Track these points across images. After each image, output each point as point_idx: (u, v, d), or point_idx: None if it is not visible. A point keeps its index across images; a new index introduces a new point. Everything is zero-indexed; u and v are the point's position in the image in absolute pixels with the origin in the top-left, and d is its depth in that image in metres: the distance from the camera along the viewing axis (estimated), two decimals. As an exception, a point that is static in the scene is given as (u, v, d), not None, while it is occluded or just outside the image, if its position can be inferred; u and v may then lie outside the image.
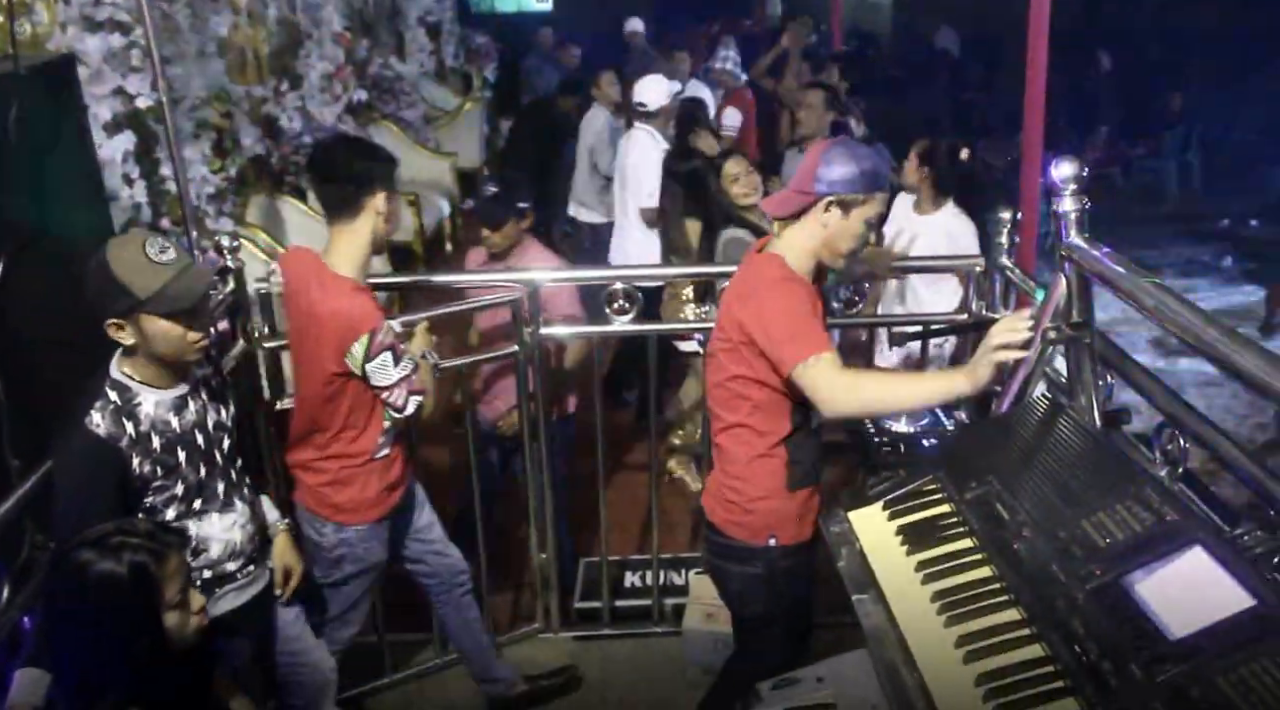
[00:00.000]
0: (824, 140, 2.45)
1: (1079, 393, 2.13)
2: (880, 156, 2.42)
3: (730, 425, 2.46)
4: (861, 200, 2.32)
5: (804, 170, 2.36)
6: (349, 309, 2.49)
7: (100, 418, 2.15)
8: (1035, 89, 4.70)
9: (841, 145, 2.38)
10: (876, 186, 2.34)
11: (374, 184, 2.53)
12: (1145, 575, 1.53)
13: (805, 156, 2.41)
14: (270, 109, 6.21)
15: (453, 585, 3.07)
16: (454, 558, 3.06)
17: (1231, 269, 8.43)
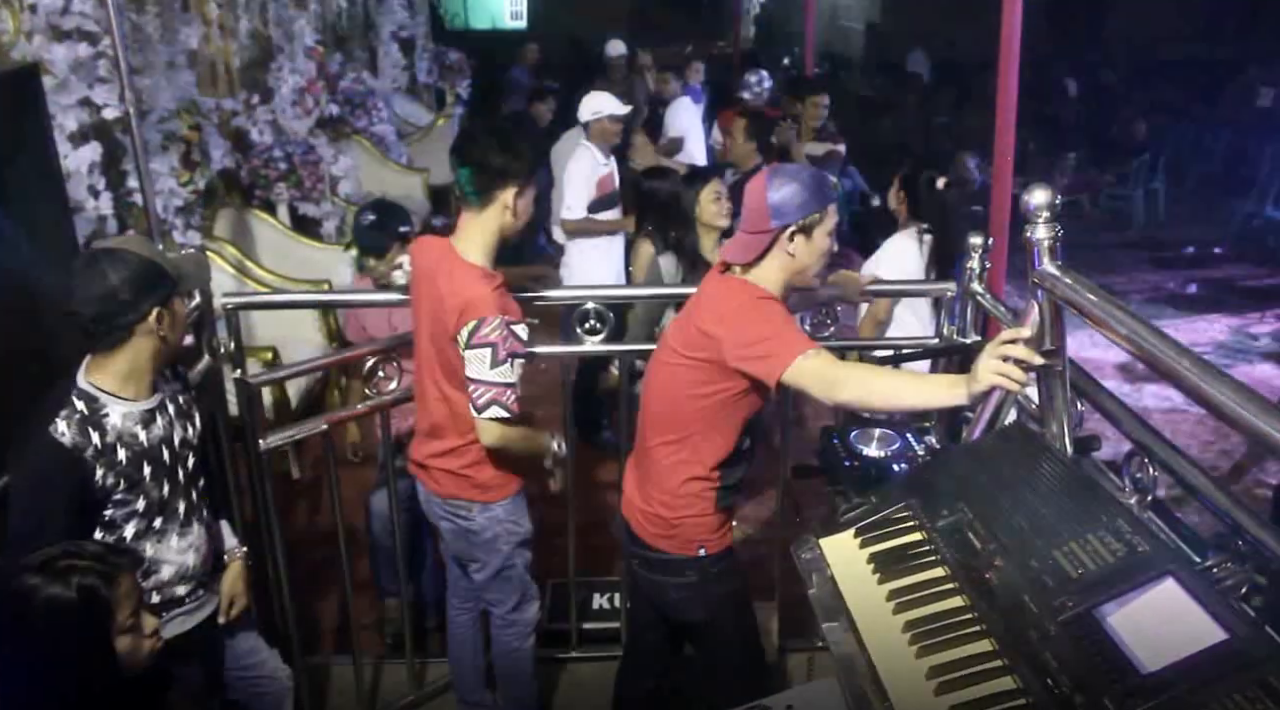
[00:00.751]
0: (757, 175, 2.45)
1: (1050, 420, 2.12)
2: (813, 170, 2.45)
3: (670, 442, 2.50)
4: (819, 218, 2.36)
5: (753, 209, 2.38)
6: (468, 293, 2.54)
7: (65, 426, 2.10)
8: (1006, 114, 4.74)
9: (777, 173, 2.40)
10: (827, 198, 2.37)
11: (507, 178, 2.58)
12: (1117, 607, 1.52)
13: (746, 196, 2.42)
14: (240, 122, 6.16)
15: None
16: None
17: (1196, 296, 8.54)
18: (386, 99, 8.30)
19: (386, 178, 7.91)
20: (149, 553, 2.25)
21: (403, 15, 9.21)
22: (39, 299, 2.74)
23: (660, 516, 2.55)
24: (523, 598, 3.01)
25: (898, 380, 2.19)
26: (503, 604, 2.99)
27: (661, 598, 2.69)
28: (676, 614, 2.71)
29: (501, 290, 2.63)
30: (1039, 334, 2.08)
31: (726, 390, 2.39)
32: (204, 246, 5.10)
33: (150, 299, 2.12)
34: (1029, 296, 2.11)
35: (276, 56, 6.54)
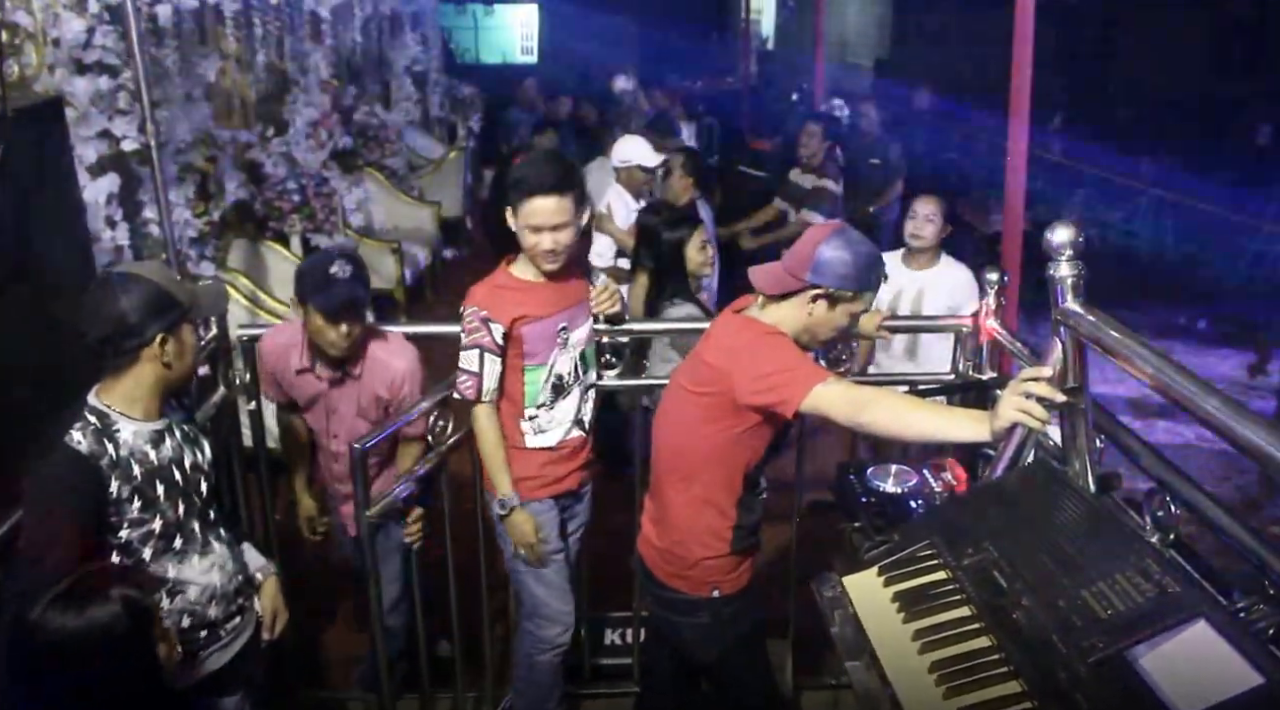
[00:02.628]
0: (827, 224, 2.44)
1: (1073, 458, 2.11)
2: (875, 252, 2.39)
3: (683, 479, 2.49)
4: (850, 296, 2.34)
5: (800, 253, 2.36)
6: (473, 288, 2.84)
7: (81, 436, 2.12)
8: (1017, 150, 4.77)
9: (842, 235, 2.36)
10: (869, 285, 2.35)
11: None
12: (1149, 649, 1.51)
13: (804, 237, 2.40)
14: (255, 154, 6.21)
15: None
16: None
17: (1206, 332, 8.52)
18: (399, 132, 8.36)
19: (398, 210, 7.96)
20: (171, 573, 2.25)
21: (416, 49, 9.29)
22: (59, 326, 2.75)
23: (675, 555, 2.53)
24: (533, 611, 3.02)
25: (923, 409, 2.15)
26: (521, 604, 3.08)
27: (675, 636, 2.67)
28: (690, 653, 2.69)
29: (501, 289, 2.79)
30: (1062, 372, 2.08)
31: (737, 426, 2.38)
32: (218, 277, 5.13)
33: (156, 325, 2.13)
34: (1052, 334, 2.11)
35: (291, 89, 6.60)
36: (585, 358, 2.94)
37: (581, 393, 2.93)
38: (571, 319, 2.86)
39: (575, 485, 2.99)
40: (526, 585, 3.00)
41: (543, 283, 2.80)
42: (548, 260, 2.74)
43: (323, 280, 2.76)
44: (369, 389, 2.96)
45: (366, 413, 2.99)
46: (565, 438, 2.91)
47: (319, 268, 2.80)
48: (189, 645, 2.29)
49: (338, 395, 2.98)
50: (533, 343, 2.79)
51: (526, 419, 2.86)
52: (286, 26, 6.14)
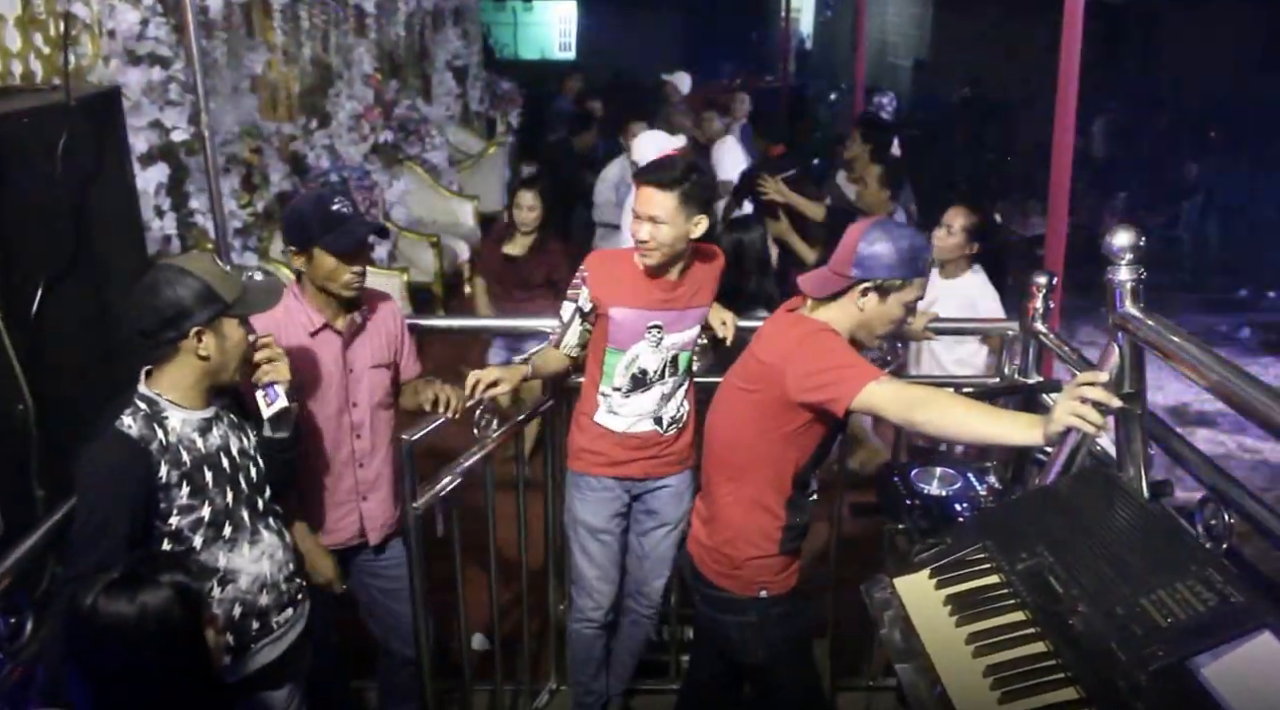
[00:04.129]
0: (865, 219, 2.43)
1: (1128, 464, 2.09)
2: (918, 238, 2.39)
3: (733, 478, 2.49)
4: (899, 285, 2.32)
5: (843, 251, 2.36)
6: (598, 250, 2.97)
7: (131, 421, 2.15)
8: (1062, 154, 4.72)
9: (880, 227, 2.35)
10: (916, 271, 2.33)
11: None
12: (1211, 659, 1.49)
13: (848, 234, 2.40)
14: (299, 146, 6.26)
15: None
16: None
17: (1249, 340, 8.40)
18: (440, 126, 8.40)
19: (438, 203, 8.00)
20: (222, 562, 2.27)
21: (457, 45, 9.33)
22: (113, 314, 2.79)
23: (724, 554, 2.53)
24: (575, 579, 3.15)
25: (976, 410, 2.11)
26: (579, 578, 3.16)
27: (722, 636, 2.67)
28: (735, 653, 2.68)
29: (614, 260, 2.92)
30: (1119, 376, 2.05)
31: (788, 425, 2.37)
32: (260, 268, 5.18)
33: (194, 318, 2.15)
34: (1109, 338, 2.09)
35: (335, 83, 6.65)
36: (680, 362, 2.94)
37: (666, 393, 2.94)
38: (672, 322, 2.87)
39: (639, 474, 2.99)
40: (574, 554, 3.11)
41: (655, 277, 2.83)
42: (642, 251, 2.78)
43: (332, 219, 2.60)
44: (380, 330, 2.84)
45: (381, 359, 2.84)
46: (633, 428, 2.94)
47: (320, 208, 2.61)
48: (240, 636, 2.31)
49: (354, 350, 2.78)
50: (617, 326, 2.85)
51: (601, 395, 2.93)
52: (332, 20, 6.19)
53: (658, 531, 3.10)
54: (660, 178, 2.70)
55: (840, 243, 2.40)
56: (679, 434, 3.01)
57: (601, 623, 3.14)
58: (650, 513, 3.08)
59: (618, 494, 3.01)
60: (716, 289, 2.99)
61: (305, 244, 2.62)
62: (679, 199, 2.70)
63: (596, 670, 3.24)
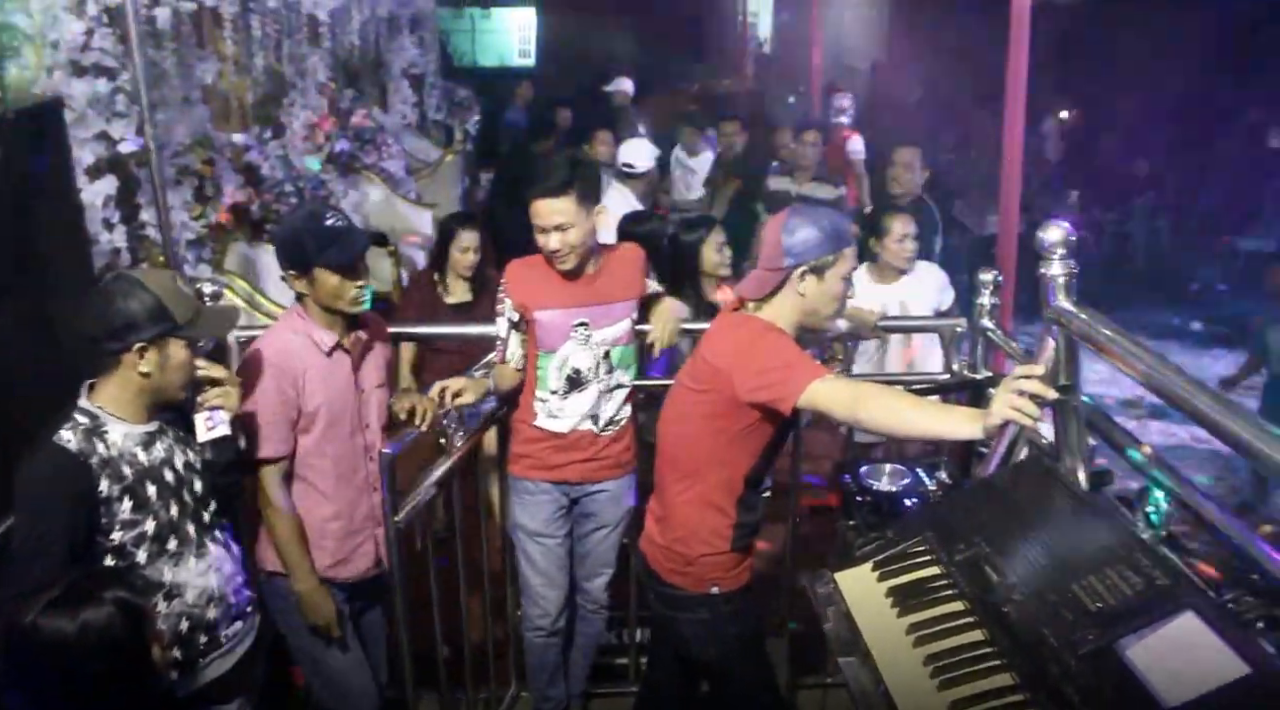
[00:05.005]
0: (779, 213, 2.47)
1: (1065, 455, 2.13)
2: (834, 213, 2.46)
3: (684, 477, 2.52)
4: (832, 261, 2.37)
5: (768, 246, 2.41)
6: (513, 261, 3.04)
7: (70, 435, 2.14)
8: (1012, 152, 4.80)
9: (797, 213, 2.42)
10: (843, 243, 2.39)
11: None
12: (1137, 640, 1.53)
13: (765, 231, 2.45)
14: (252, 157, 6.21)
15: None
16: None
17: (1201, 333, 8.55)
18: (396, 135, 8.36)
19: (396, 212, 7.95)
20: (167, 577, 2.26)
21: (413, 53, 9.28)
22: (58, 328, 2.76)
23: (676, 552, 2.55)
24: (522, 588, 3.17)
25: (918, 406, 2.15)
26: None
27: (675, 633, 2.69)
28: (689, 651, 2.70)
29: (530, 268, 2.96)
30: (1054, 369, 2.09)
31: (737, 424, 2.40)
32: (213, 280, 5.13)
33: (136, 334, 2.15)
34: (1043, 332, 2.13)
35: (289, 92, 6.60)
36: (615, 358, 2.98)
37: (603, 391, 2.98)
38: (596, 317, 2.92)
39: (576, 478, 3.02)
40: (519, 560, 3.14)
41: (569, 277, 2.89)
42: (555, 259, 2.84)
43: (328, 235, 2.52)
44: (378, 347, 2.80)
45: (383, 377, 2.80)
46: (575, 428, 2.98)
47: (313, 225, 2.54)
48: (188, 651, 2.30)
49: (363, 370, 2.72)
50: (543, 330, 2.91)
51: (539, 400, 2.97)
52: (285, 29, 6.15)
53: (597, 533, 3.13)
54: (551, 187, 2.76)
55: (764, 240, 2.45)
56: (615, 437, 3.03)
57: (550, 630, 3.16)
58: (589, 515, 3.11)
59: (555, 497, 3.04)
60: (644, 285, 3.05)
61: (305, 266, 2.55)
62: (576, 201, 2.78)
63: (553, 676, 3.25)
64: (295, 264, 2.57)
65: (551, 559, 3.08)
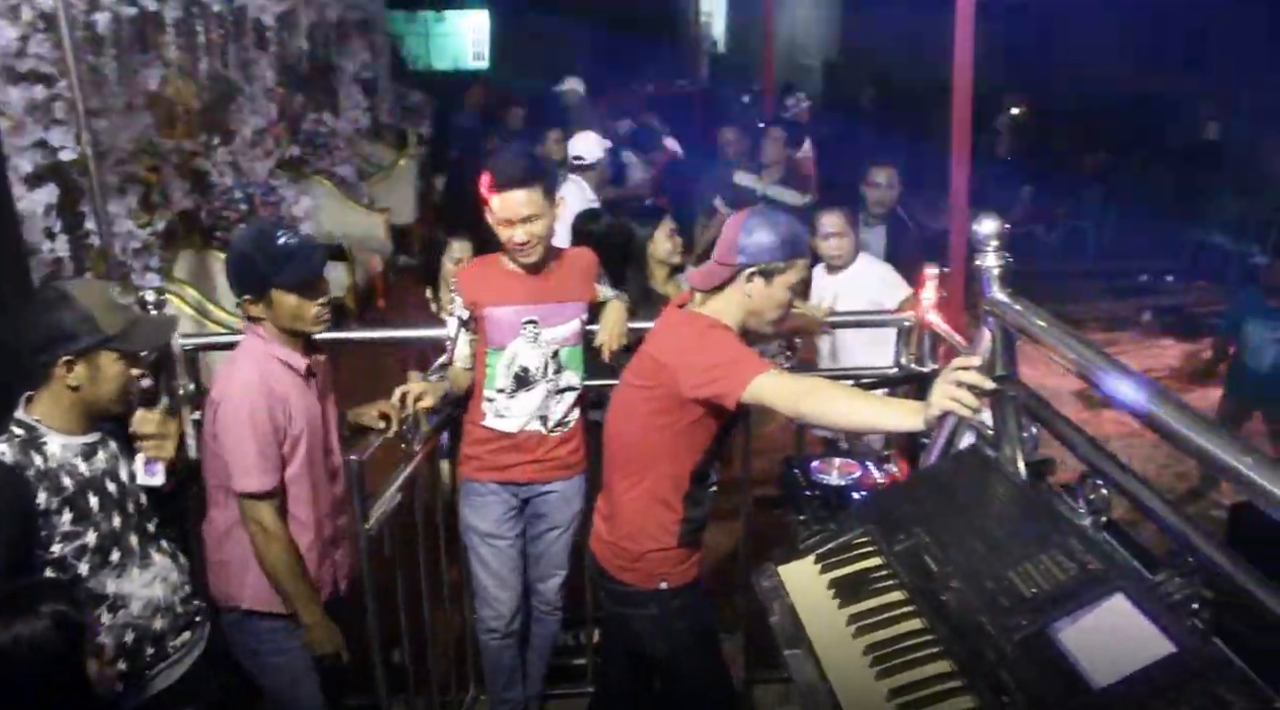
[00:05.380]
0: (743, 211, 2.49)
1: (1004, 444, 2.16)
2: (795, 222, 2.47)
3: (631, 474, 2.53)
4: (783, 268, 2.38)
5: (725, 242, 2.42)
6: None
7: (6, 447, 2.11)
8: (961, 147, 4.85)
9: (759, 214, 2.43)
10: (797, 253, 2.40)
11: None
12: (1070, 624, 1.55)
13: (726, 226, 2.47)
14: (201, 163, 6.15)
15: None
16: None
17: (1150, 323, 8.68)
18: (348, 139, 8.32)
19: (349, 217, 7.92)
20: (111, 589, 2.23)
21: (364, 57, 9.25)
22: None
23: (623, 548, 2.56)
24: (475, 591, 3.17)
25: (859, 399, 2.19)
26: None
27: (626, 630, 2.70)
28: (640, 647, 2.71)
29: (484, 266, 3.00)
30: (991, 360, 2.12)
31: (682, 420, 2.41)
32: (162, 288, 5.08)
33: (63, 346, 2.12)
34: (980, 323, 2.16)
35: (237, 98, 6.54)
36: (563, 358, 2.98)
37: (551, 391, 2.97)
38: (546, 316, 2.92)
39: (524, 478, 3.02)
40: (471, 562, 3.13)
41: (523, 274, 2.91)
42: (521, 253, 2.84)
43: (283, 254, 2.40)
44: (329, 367, 2.71)
45: (335, 397, 2.72)
46: (523, 428, 2.97)
47: (265, 245, 2.41)
48: (134, 662, 2.27)
49: (323, 392, 2.63)
50: (494, 325, 2.90)
51: (486, 400, 2.96)
52: (231, 34, 6.09)
53: (549, 534, 3.13)
54: (521, 178, 2.77)
55: (722, 235, 2.46)
56: (564, 438, 3.03)
57: (505, 632, 3.15)
58: (540, 516, 3.11)
59: (505, 498, 3.03)
60: (595, 289, 3.05)
61: (261, 288, 2.42)
62: (543, 192, 2.80)
63: (509, 679, 3.24)
64: (249, 287, 2.44)
65: (504, 561, 3.07)
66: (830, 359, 4.24)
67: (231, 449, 2.39)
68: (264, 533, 2.43)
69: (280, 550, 2.45)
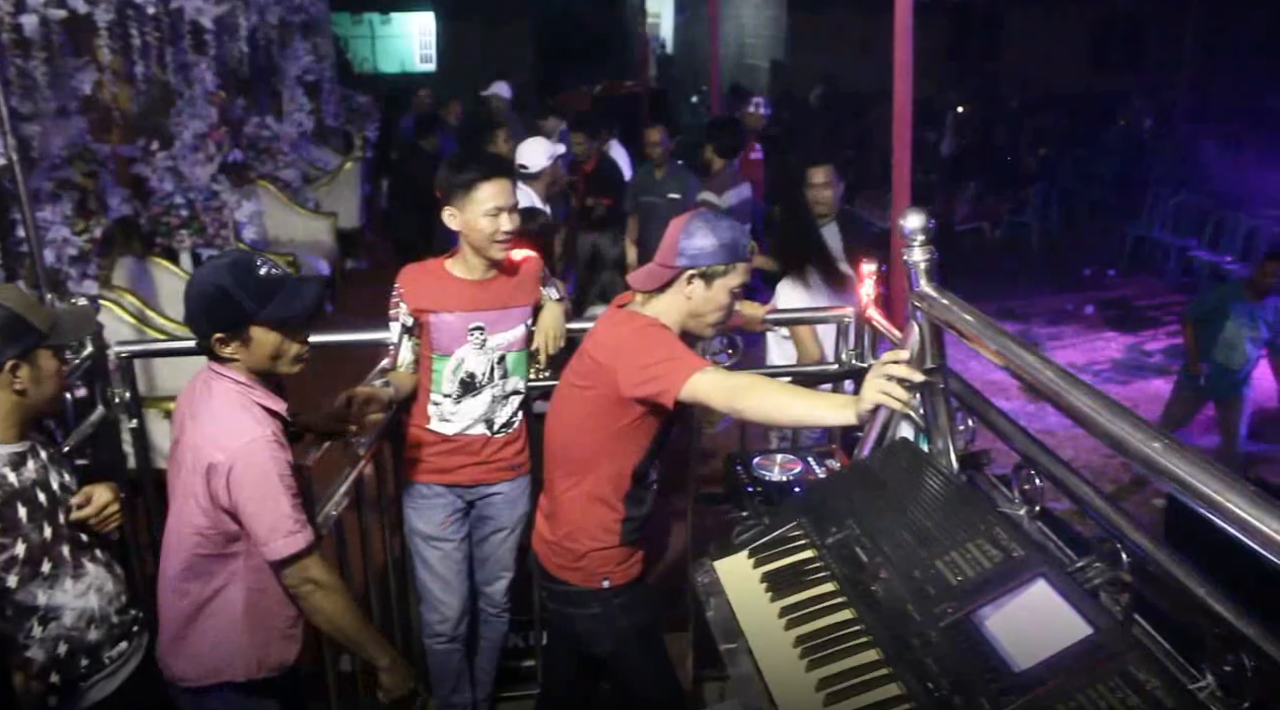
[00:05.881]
0: (685, 214, 2.51)
1: (936, 436, 2.19)
2: (736, 226, 2.49)
3: (572, 474, 2.53)
4: (723, 271, 2.41)
5: (667, 243, 2.44)
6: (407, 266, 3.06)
7: None
8: (902, 146, 4.91)
9: (700, 217, 2.45)
10: (737, 256, 2.42)
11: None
12: (994, 610, 1.58)
13: (669, 228, 2.48)
14: (140, 169, 6.06)
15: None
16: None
17: (1093, 317, 8.85)
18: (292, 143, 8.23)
19: (294, 222, 7.85)
20: (42, 600, 2.18)
21: (307, 60, 9.15)
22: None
23: (565, 548, 2.56)
24: (420, 595, 3.16)
25: (793, 394, 2.22)
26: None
27: (569, 630, 2.70)
28: (584, 646, 2.71)
29: (426, 272, 2.97)
30: (920, 352, 2.15)
31: (622, 419, 2.42)
32: (100, 296, 4.99)
33: (7, 351, 2.09)
34: (909, 317, 2.18)
35: (176, 102, 6.45)
36: (509, 363, 2.97)
37: (497, 397, 2.97)
38: (493, 322, 2.92)
39: (468, 481, 3.01)
40: (416, 566, 3.13)
41: (467, 280, 2.90)
42: (503, 244, 2.84)
43: (267, 286, 2.16)
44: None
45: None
46: (466, 432, 2.96)
47: (245, 277, 2.15)
48: (69, 674, 2.23)
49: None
50: (438, 334, 2.90)
51: (432, 404, 2.96)
52: (167, 37, 5.99)
53: (495, 536, 3.13)
54: (504, 167, 2.87)
55: (665, 237, 2.47)
56: (509, 440, 3.03)
57: (450, 636, 3.14)
58: (486, 518, 3.11)
59: (450, 501, 3.03)
60: (540, 292, 3.04)
61: (238, 325, 2.15)
62: (514, 185, 2.85)
63: (457, 682, 3.23)
64: (223, 324, 2.16)
65: (449, 564, 3.06)
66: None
67: (262, 513, 2.14)
68: (320, 589, 2.23)
69: (341, 601, 2.26)
